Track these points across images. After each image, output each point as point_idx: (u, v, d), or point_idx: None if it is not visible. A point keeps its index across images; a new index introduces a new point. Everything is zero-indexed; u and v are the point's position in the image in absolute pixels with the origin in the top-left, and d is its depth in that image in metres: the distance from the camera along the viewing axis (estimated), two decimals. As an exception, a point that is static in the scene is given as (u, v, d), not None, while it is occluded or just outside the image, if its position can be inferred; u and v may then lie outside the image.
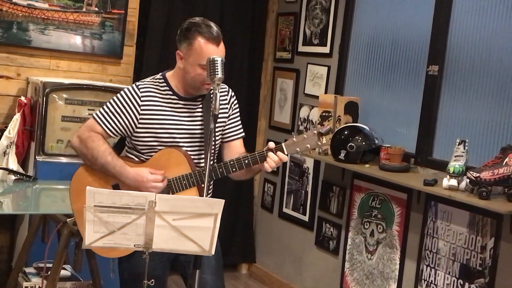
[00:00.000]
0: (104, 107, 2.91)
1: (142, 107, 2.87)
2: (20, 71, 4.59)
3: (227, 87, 3.04)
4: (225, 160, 2.96)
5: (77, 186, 2.91)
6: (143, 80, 2.96)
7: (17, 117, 4.29)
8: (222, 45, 2.85)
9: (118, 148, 3.04)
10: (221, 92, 2.93)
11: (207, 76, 2.72)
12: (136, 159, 2.93)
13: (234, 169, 2.81)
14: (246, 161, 2.79)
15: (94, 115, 2.92)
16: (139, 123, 2.87)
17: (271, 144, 2.79)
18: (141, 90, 2.89)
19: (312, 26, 5.03)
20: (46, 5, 4.57)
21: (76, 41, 4.71)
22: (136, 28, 4.94)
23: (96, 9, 4.73)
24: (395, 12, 4.38)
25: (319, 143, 2.77)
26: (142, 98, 2.88)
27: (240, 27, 5.35)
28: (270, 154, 2.76)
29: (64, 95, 4.32)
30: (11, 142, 4.25)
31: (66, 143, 4.30)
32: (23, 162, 4.32)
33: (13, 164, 4.18)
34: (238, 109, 3.08)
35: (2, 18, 4.46)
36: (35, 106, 4.29)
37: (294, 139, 2.79)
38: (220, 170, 2.81)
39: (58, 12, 4.61)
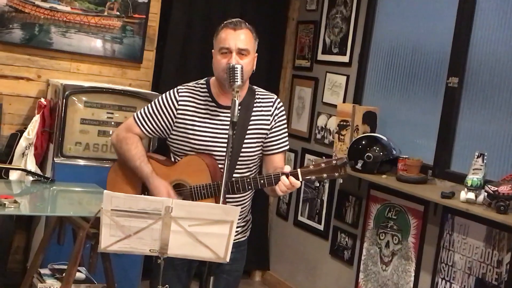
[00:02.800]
0: (145, 107, 2.96)
1: (178, 112, 2.88)
2: (40, 73, 4.62)
3: (275, 97, 2.99)
4: (263, 173, 2.94)
5: (112, 179, 3.01)
6: (186, 84, 2.96)
7: (36, 119, 4.32)
8: (241, 31, 2.83)
9: (164, 147, 3.07)
10: (265, 101, 2.95)
11: (227, 82, 2.72)
12: (172, 159, 2.97)
13: (249, 187, 2.80)
14: (262, 181, 2.77)
15: (134, 114, 2.98)
16: (174, 127, 2.89)
17: (286, 168, 2.74)
18: (180, 94, 2.90)
19: (332, 35, 5.03)
20: (68, 8, 4.60)
21: (96, 44, 4.74)
22: (157, 33, 4.97)
23: (118, 13, 4.76)
24: (416, 23, 4.37)
25: (336, 174, 2.73)
26: (179, 103, 2.89)
27: (259, 34, 5.29)
28: (283, 178, 2.71)
29: (84, 98, 4.34)
30: (30, 144, 4.28)
31: (84, 145, 4.33)
32: (41, 164, 4.34)
33: (31, 165, 4.20)
34: (283, 122, 2.99)
35: (25, 20, 4.49)
36: (54, 108, 4.32)
37: (311, 167, 2.73)
38: (237, 185, 2.79)
39: (79, 15, 4.65)
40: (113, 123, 4.36)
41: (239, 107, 2.84)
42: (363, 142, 4.26)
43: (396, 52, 4.49)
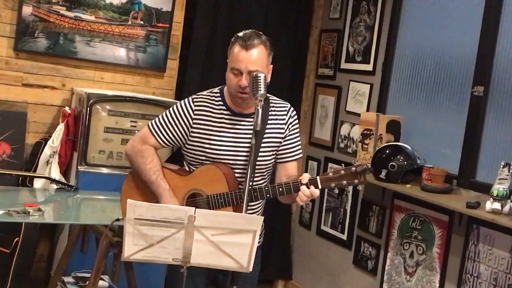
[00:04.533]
0: (160, 117, 2.95)
1: (194, 121, 2.88)
2: (65, 82, 4.66)
3: (289, 106, 2.98)
4: (276, 181, 2.96)
5: (126, 189, 2.99)
6: (200, 93, 2.95)
7: (60, 127, 4.35)
8: (253, 50, 2.76)
9: (176, 157, 3.06)
10: (279, 110, 2.93)
11: (250, 91, 2.71)
12: (187, 168, 2.96)
13: (268, 195, 2.79)
14: (280, 189, 2.76)
15: (149, 124, 2.96)
16: (190, 136, 2.89)
17: (305, 176, 2.73)
18: (195, 103, 2.90)
19: (355, 43, 5.01)
20: (92, 17, 4.64)
21: (120, 53, 4.77)
22: (180, 42, 4.99)
23: (142, 22, 4.79)
24: (440, 31, 4.33)
25: (356, 181, 2.71)
26: (195, 112, 2.88)
27: (282, 43, 5.35)
28: (303, 188, 2.70)
29: (108, 107, 4.37)
30: (54, 152, 4.31)
31: (108, 154, 4.35)
32: (65, 172, 4.37)
33: (55, 174, 4.23)
34: (296, 130, 2.98)
35: (50, 29, 4.54)
36: (78, 116, 4.35)
37: (330, 174, 2.72)
38: (255, 194, 2.78)
39: (104, 24, 4.68)
40: (136, 131, 4.35)
41: (253, 116, 2.85)
42: (387, 151, 4.23)
43: (420, 60, 4.46)
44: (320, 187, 2.71)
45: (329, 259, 5.10)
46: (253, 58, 2.77)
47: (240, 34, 2.84)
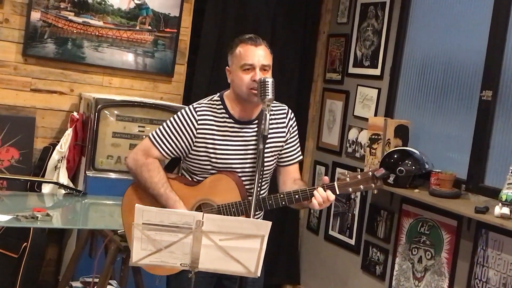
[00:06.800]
0: (161, 128, 2.90)
1: (198, 131, 2.84)
2: (73, 87, 4.68)
3: (287, 108, 2.97)
4: (280, 185, 2.96)
5: (128, 202, 2.92)
6: (200, 102, 2.91)
7: (69, 132, 4.37)
8: (263, 47, 2.80)
9: (171, 166, 3.04)
10: (278, 113, 2.93)
11: (258, 96, 2.71)
12: (190, 179, 2.93)
13: (283, 203, 2.78)
14: (297, 196, 2.75)
15: (151, 135, 2.90)
16: (194, 146, 2.86)
17: (325, 179, 2.73)
18: (198, 113, 2.86)
19: (363, 48, 5.00)
20: (100, 23, 4.66)
21: (128, 58, 4.78)
22: (188, 47, 5.00)
23: (149, 27, 4.80)
24: (448, 35, 4.33)
25: (373, 186, 2.72)
26: (198, 122, 2.84)
27: (290, 47, 5.36)
28: (320, 189, 2.70)
29: (116, 112, 4.37)
30: (62, 157, 4.32)
31: (116, 159, 4.35)
32: (73, 177, 4.38)
33: (64, 179, 4.24)
34: (296, 132, 2.99)
35: (58, 35, 4.55)
36: (87, 121, 4.36)
37: (348, 179, 2.73)
38: (270, 202, 2.78)
39: (112, 29, 4.69)
40: (144, 136, 4.37)
41: (257, 122, 2.85)
42: (395, 156, 4.22)
43: (428, 65, 4.45)
44: (338, 192, 2.72)
45: (337, 264, 5.09)
46: (264, 53, 2.80)
47: (241, 37, 2.86)
